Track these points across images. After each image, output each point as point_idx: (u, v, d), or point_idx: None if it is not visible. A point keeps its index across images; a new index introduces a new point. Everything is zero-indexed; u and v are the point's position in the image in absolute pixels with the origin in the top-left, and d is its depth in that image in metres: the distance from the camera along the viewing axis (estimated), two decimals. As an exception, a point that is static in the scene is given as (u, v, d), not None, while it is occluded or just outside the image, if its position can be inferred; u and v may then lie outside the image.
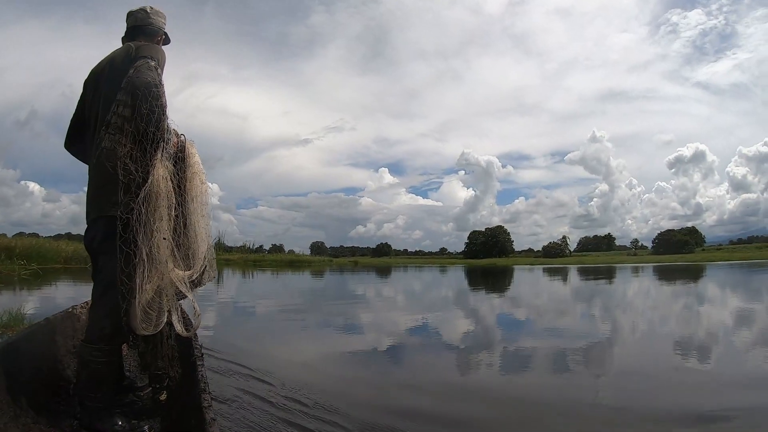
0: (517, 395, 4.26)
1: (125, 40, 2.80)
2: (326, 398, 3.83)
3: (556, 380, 4.70)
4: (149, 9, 2.82)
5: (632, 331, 7.65)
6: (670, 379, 4.58)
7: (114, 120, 2.35)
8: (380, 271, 37.81)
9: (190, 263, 2.55)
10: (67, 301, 7.76)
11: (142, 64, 2.43)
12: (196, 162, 2.65)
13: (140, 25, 2.79)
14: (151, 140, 2.36)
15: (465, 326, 8.51)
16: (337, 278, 27.65)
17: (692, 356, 5.75)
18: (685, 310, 10.28)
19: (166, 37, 2.90)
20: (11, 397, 2.36)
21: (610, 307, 11.40)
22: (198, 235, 2.59)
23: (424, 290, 18.90)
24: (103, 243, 2.47)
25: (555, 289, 17.42)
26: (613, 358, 5.80)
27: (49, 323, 3.11)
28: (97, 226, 2.51)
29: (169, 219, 2.40)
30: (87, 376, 2.44)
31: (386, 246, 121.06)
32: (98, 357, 2.42)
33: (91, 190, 2.54)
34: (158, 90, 2.38)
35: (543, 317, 9.38)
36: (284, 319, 9.22)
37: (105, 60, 2.66)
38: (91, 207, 2.54)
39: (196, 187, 2.61)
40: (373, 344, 6.84)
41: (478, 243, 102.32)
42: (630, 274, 28.18)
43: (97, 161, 2.39)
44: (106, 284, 2.46)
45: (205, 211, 2.64)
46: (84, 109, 2.72)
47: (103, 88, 2.53)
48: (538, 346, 6.34)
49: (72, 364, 3.09)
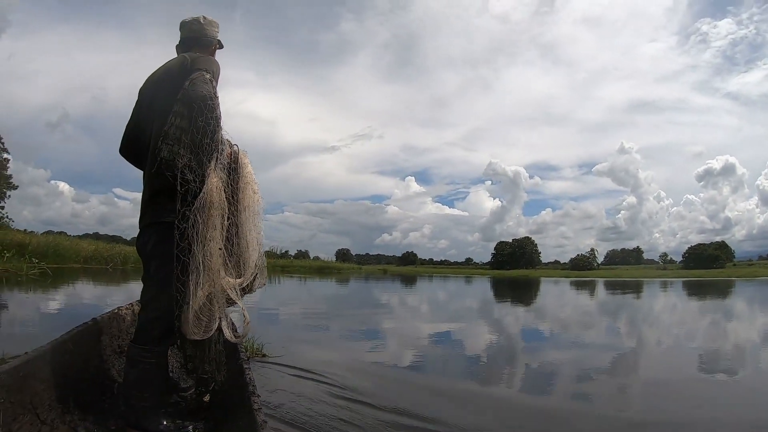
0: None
1: (179, 49, 2.86)
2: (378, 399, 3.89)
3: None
4: (203, 19, 2.86)
5: (702, 361, 6.67)
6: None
7: (172, 131, 2.40)
8: (410, 280, 37.60)
9: (240, 271, 2.60)
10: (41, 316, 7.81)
11: (198, 77, 2.48)
12: (249, 172, 2.71)
13: (195, 36, 2.84)
14: (206, 151, 2.42)
15: (516, 341, 8.19)
16: (375, 286, 27.62)
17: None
18: (740, 331, 9.62)
19: (219, 44, 2.95)
20: (59, 395, 2.42)
21: (671, 327, 10.43)
22: (249, 244, 2.63)
23: (470, 300, 18.52)
24: (156, 248, 2.54)
25: (604, 308, 16.08)
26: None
27: (96, 324, 3.17)
28: (151, 231, 2.57)
29: (222, 228, 2.46)
30: (135, 375, 2.48)
31: (412, 255, 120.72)
32: (147, 358, 2.47)
33: (147, 196, 2.60)
34: (213, 102, 2.44)
35: (610, 339, 8.59)
36: (341, 326, 9.23)
37: (160, 69, 2.73)
38: (146, 213, 2.61)
39: (248, 196, 2.66)
40: (425, 349, 6.89)
41: (505, 254, 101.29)
42: (671, 290, 26.93)
43: (156, 170, 2.44)
44: (158, 288, 2.52)
45: (256, 220, 2.69)
46: (140, 117, 2.79)
47: (158, 98, 2.59)
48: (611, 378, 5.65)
49: (117, 364, 3.17)
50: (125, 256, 25.95)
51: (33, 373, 2.28)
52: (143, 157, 2.76)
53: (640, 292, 24.73)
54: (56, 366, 2.48)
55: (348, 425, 3.31)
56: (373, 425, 3.34)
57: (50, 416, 2.31)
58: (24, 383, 2.19)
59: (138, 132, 2.78)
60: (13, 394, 2.09)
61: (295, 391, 4.00)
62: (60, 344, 2.61)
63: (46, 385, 2.37)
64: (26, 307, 9.08)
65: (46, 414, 2.29)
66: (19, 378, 2.16)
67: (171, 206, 2.44)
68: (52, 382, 2.41)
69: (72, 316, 6.11)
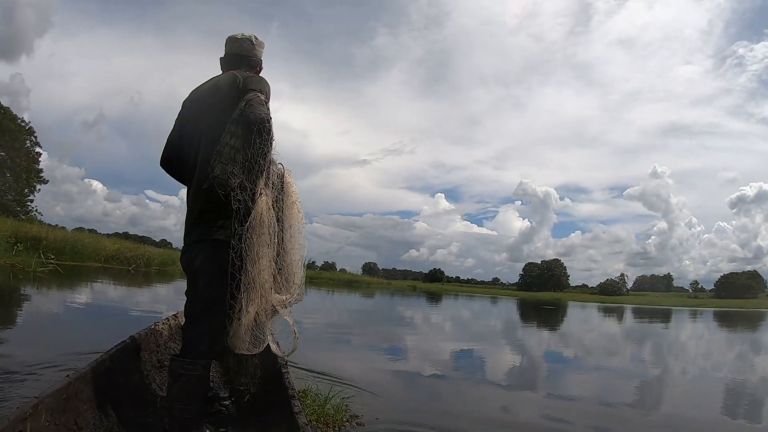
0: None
1: (225, 64, 2.89)
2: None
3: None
4: (254, 39, 2.88)
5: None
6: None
7: (226, 150, 2.44)
8: (445, 300, 37.01)
9: (287, 287, 2.67)
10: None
11: (254, 98, 2.50)
12: (294, 191, 2.76)
13: (244, 55, 2.86)
14: (258, 171, 2.46)
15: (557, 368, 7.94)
16: (410, 302, 27.39)
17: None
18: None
19: (261, 65, 2.96)
20: (102, 414, 2.47)
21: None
22: (294, 261, 2.70)
23: (522, 328, 17.76)
24: (204, 264, 2.55)
25: (662, 341, 15.00)
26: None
27: (134, 341, 3.21)
28: (199, 247, 2.58)
29: (270, 246, 2.50)
30: (178, 388, 2.48)
31: (439, 272, 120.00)
32: (191, 371, 2.47)
33: (195, 212, 2.60)
34: (270, 125, 2.47)
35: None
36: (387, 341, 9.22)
37: (208, 84, 2.75)
38: (193, 229, 2.61)
39: (293, 215, 2.71)
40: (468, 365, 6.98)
41: (533, 275, 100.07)
42: (713, 320, 26.15)
43: (207, 187, 2.46)
44: (207, 304, 2.55)
45: (300, 238, 2.74)
46: (184, 131, 2.78)
47: (208, 114, 2.61)
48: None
49: (158, 378, 3.22)
50: (149, 258, 24.52)
51: (75, 395, 2.31)
52: (185, 170, 2.78)
53: (683, 323, 23.98)
54: (98, 386, 2.52)
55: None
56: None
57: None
58: (67, 405, 2.22)
59: (182, 146, 2.77)
60: (57, 416, 2.12)
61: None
62: (99, 364, 2.64)
63: (89, 405, 2.40)
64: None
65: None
66: (62, 401, 2.19)
67: (220, 223, 2.49)
68: (95, 401, 2.45)
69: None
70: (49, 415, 2.06)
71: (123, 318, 7.98)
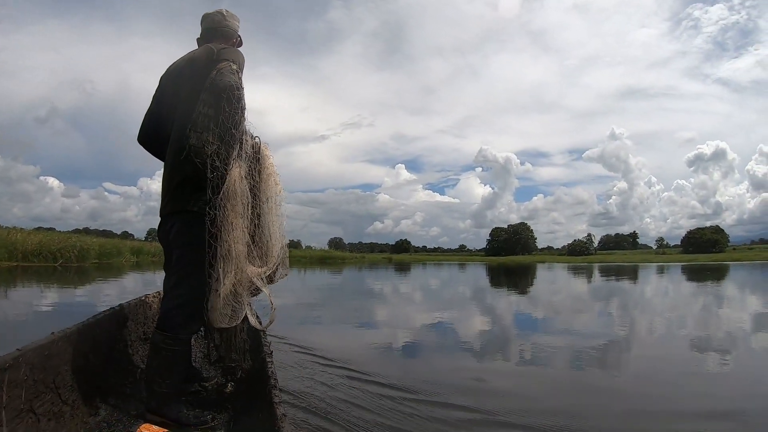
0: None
1: (201, 41, 2.87)
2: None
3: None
4: (225, 12, 2.87)
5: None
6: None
7: (200, 119, 2.41)
8: (427, 269, 37.17)
9: (264, 260, 2.64)
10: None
11: (225, 67, 2.51)
12: (271, 164, 2.74)
13: (217, 27, 2.85)
14: (231, 140, 2.45)
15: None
16: (403, 276, 26.26)
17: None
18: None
19: (239, 39, 2.95)
20: (82, 377, 2.45)
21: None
22: (272, 235, 2.67)
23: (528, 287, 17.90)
24: (178, 236, 2.56)
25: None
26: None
27: (123, 309, 3.20)
28: (174, 219, 2.59)
29: (245, 217, 2.49)
30: (158, 362, 2.50)
31: (406, 242, 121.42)
32: (170, 345, 2.49)
33: (170, 185, 2.60)
34: (240, 93, 2.47)
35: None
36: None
37: (184, 59, 2.73)
38: (168, 201, 2.61)
39: (270, 187, 2.69)
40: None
41: (500, 240, 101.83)
42: (705, 275, 25.94)
43: (184, 158, 2.44)
44: (180, 276, 2.54)
45: (278, 210, 2.72)
46: (162, 105, 2.79)
47: (183, 87, 2.60)
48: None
49: (141, 350, 3.23)
50: (83, 250, 21.57)
51: (58, 353, 2.30)
52: (163, 145, 2.77)
53: (682, 279, 23.31)
54: (81, 348, 2.51)
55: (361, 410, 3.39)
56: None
57: (72, 397, 2.34)
58: (48, 362, 2.21)
59: (159, 120, 2.78)
60: (37, 372, 2.11)
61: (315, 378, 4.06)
62: (86, 327, 2.63)
63: (70, 366, 2.39)
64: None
65: (68, 394, 2.32)
66: (44, 357, 2.18)
67: (196, 195, 2.47)
68: (76, 363, 2.44)
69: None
70: (29, 369, 2.06)
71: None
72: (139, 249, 31.01)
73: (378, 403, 3.57)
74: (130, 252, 29.04)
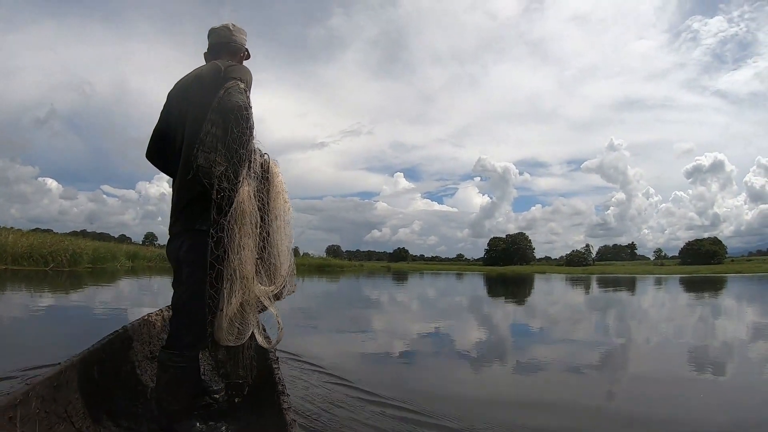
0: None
1: (208, 56, 2.86)
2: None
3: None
4: (231, 26, 2.87)
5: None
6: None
7: (208, 139, 2.40)
8: (427, 278, 36.93)
9: (272, 279, 2.63)
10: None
11: (233, 86, 2.48)
12: (280, 182, 2.73)
13: (224, 42, 2.84)
14: (240, 161, 2.43)
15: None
16: (402, 286, 25.50)
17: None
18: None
19: (246, 53, 2.94)
20: (93, 402, 2.47)
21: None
22: (280, 252, 2.66)
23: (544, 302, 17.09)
24: (188, 254, 2.55)
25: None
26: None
27: (126, 331, 3.22)
28: (183, 237, 2.59)
29: (254, 236, 2.48)
30: (166, 380, 2.51)
31: (404, 251, 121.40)
32: (178, 362, 2.50)
33: (180, 203, 2.61)
34: (248, 113, 2.45)
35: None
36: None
37: (191, 75, 2.72)
38: (178, 219, 2.62)
39: (279, 206, 2.68)
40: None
41: (498, 250, 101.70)
42: (708, 287, 25.33)
43: (191, 177, 2.44)
44: (189, 294, 2.54)
45: (287, 229, 2.72)
46: (169, 122, 2.78)
47: (191, 104, 2.59)
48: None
49: (149, 369, 3.22)
50: (76, 254, 20.23)
51: (66, 383, 2.32)
52: (171, 162, 2.78)
53: (683, 292, 22.29)
54: (89, 374, 2.53)
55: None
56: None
57: (85, 424, 2.35)
58: (57, 393, 2.23)
59: (167, 137, 2.78)
60: (48, 404, 2.13)
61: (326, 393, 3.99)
62: (91, 353, 2.65)
63: (80, 393, 2.41)
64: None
65: (81, 422, 2.33)
66: (53, 389, 2.20)
67: (205, 215, 2.47)
68: (86, 390, 2.45)
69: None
70: (40, 402, 2.08)
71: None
72: (134, 253, 30.65)
73: (380, 419, 3.49)
74: (126, 256, 28.54)
